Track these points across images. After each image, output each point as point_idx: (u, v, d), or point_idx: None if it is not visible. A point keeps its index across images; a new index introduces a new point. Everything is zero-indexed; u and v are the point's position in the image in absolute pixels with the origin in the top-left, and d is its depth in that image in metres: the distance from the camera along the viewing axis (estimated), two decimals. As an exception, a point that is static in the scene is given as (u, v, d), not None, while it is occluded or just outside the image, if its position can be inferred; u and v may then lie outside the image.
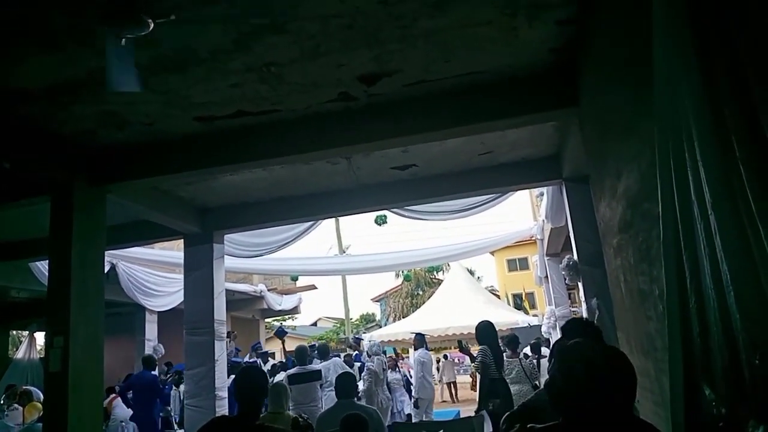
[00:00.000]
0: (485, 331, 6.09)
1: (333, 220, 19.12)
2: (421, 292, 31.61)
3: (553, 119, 4.66)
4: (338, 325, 33.53)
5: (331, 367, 7.57)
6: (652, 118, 2.03)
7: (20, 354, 12.71)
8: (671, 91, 1.80)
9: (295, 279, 15.63)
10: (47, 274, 4.60)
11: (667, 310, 1.96)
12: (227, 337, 7.90)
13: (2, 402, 8.80)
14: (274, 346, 14.76)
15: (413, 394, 9.37)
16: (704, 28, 1.54)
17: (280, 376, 7.15)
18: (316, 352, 8.75)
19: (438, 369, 18.34)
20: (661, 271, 2.06)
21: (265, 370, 8.13)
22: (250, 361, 9.23)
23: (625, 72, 2.67)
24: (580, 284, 5.98)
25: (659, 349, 2.43)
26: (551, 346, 5.97)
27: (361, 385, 7.83)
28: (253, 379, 2.89)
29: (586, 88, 3.68)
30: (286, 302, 15.39)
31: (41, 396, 7.73)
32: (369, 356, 8.69)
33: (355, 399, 4.59)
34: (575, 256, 5.94)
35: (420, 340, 9.82)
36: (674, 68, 1.77)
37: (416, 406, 9.01)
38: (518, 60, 3.86)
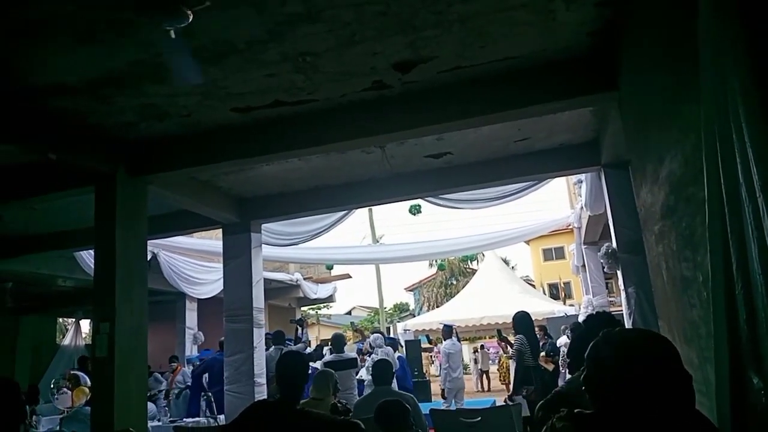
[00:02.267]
0: (522, 321, 6.39)
1: (366, 210, 19.23)
2: (455, 282, 31.53)
3: (591, 104, 4.56)
4: (372, 314, 33.73)
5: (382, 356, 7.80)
6: (697, 100, 1.97)
7: (67, 341, 13.23)
8: (718, 71, 1.75)
9: (330, 268, 15.80)
10: (92, 263, 4.76)
11: (712, 297, 1.91)
12: (298, 324, 8.01)
13: (52, 386, 9.17)
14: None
15: (440, 384, 9.53)
16: (753, 5, 1.49)
17: (314, 365, 7.25)
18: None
19: (475, 360, 18.35)
20: (705, 257, 2.01)
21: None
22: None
23: (666, 54, 2.59)
24: (618, 273, 5.87)
25: (703, 336, 2.38)
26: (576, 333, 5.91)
27: (364, 374, 7.97)
28: (295, 364, 2.93)
29: (625, 72, 3.59)
30: (321, 291, 15.57)
31: (88, 380, 8.03)
32: (372, 348, 8.85)
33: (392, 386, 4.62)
34: (614, 244, 5.83)
35: (447, 332, 9.97)
36: (721, 47, 1.71)
37: (443, 396, 9.10)
38: (555, 44, 3.78)
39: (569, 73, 4.00)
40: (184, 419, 7.02)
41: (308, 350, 8.69)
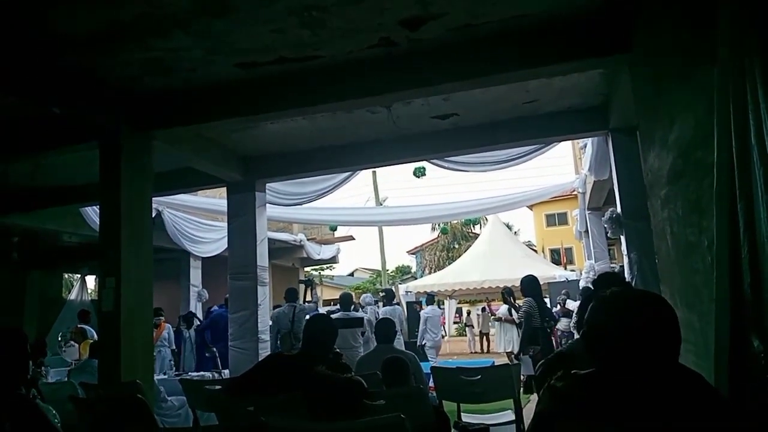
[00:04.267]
0: (530, 284, 6.63)
1: (370, 172, 19.19)
2: (457, 246, 31.64)
3: (602, 66, 4.48)
4: (374, 276, 34.04)
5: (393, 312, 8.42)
6: (710, 63, 1.94)
7: (73, 296, 13.42)
8: (736, 32, 1.71)
9: (333, 229, 15.86)
10: (97, 218, 4.78)
11: (717, 261, 1.91)
12: (306, 285, 8.08)
13: (60, 339, 9.37)
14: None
15: (418, 342, 10.93)
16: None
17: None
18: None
19: (478, 322, 18.64)
20: (711, 222, 2.00)
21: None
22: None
23: (683, 14, 2.53)
24: (622, 238, 5.88)
25: (705, 301, 2.39)
26: (583, 296, 6.04)
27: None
28: (324, 327, 3.07)
29: (639, 33, 3.51)
30: (324, 252, 15.67)
31: (94, 334, 8.18)
32: (362, 306, 9.37)
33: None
34: (618, 210, 5.82)
35: (430, 299, 11.92)
36: (741, 8, 1.67)
37: (422, 352, 10.19)
38: (568, 2, 3.69)
39: (581, 33, 3.91)
40: (190, 373, 7.17)
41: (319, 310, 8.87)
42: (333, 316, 7.09)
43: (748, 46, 1.60)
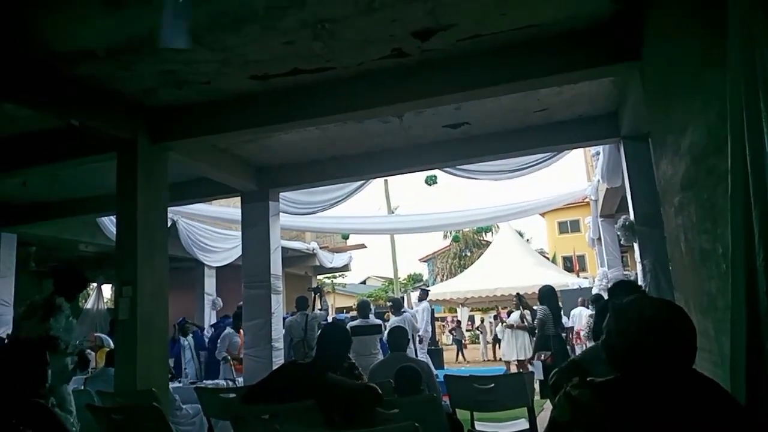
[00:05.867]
0: (547, 293, 7.12)
1: (382, 181, 19.22)
2: (469, 254, 31.55)
3: (613, 74, 4.48)
4: (386, 284, 33.99)
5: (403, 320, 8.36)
6: (722, 69, 1.94)
7: (89, 305, 13.54)
8: (747, 38, 1.72)
9: (345, 237, 15.89)
10: (114, 228, 4.84)
11: (732, 269, 1.91)
12: (315, 293, 8.14)
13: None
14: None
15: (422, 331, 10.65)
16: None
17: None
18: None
19: (491, 330, 18.58)
20: (726, 229, 2.00)
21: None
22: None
23: (693, 21, 2.53)
24: (635, 245, 5.85)
25: (720, 308, 2.38)
26: (600, 305, 6.04)
27: None
28: (338, 337, 3.08)
29: (649, 40, 3.51)
30: (336, 260, 15.71)
31: (111, 342, 8.25)
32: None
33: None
34: (631, 217, 5.80)
35: (424, 293, 12.05)
36: (752, 14, 1.68)
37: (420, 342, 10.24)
38: (577, 11, 3.71)
39: (591, 42, 3.92)
40: (204, 381, 7.21)
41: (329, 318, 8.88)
42: (352, 323, 7.12)
43: (761, 53, 1.61)
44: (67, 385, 4.48)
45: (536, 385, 5.92)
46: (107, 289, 14.05)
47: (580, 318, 11.13)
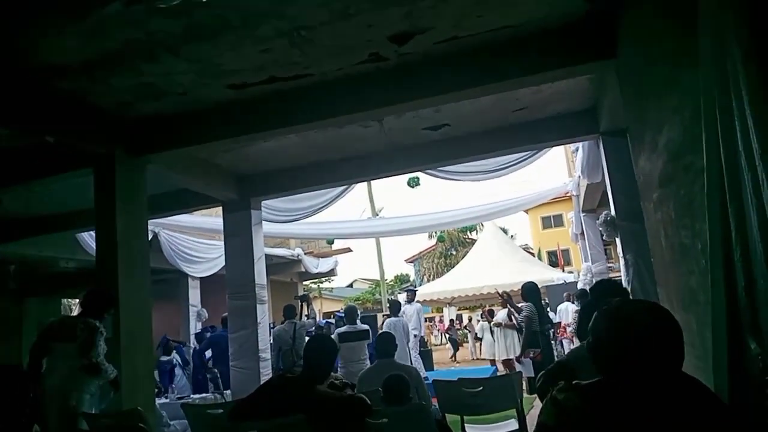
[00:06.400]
0: (531, 290, 7.04)
1: (365, 184, 19.19)
2: (454, 252, 31.70)
3: (589, 72, 4.52)
4: (373, 286, 33.98)
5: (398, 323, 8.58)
6: (697, 68, 1.96)
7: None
8: (718, 38, 1.74)
9: (330, 242, 15.85)
10: (94, 244, 4.76)
11: (711, 264, 1.93)
12: (302, 301, 8.08)
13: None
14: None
15: (417, 333, 10.69)
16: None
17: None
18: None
19: (480, 330, 18.62)
20: (704, 225, 2.02)
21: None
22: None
23: (665, 21, 2.56)
24: (617, 240, 5.90)
25: (701, 303, 2.41)
26: (585, 301, 6.10)
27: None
28: (323, 348, 3.06)
29: (624, 39, 3.55)
30: (322, 265, 15.63)
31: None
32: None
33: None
34: (613, 212, 5.84)
35: (412, 294, 12.06)
36: (722, 15, 1.70)
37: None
38: (552, 11, 3.74)
39: (567, 41, 3.96)
40: (191, 396, 7.12)
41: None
42: (339, 330, 7.06)
43: (732, 54, 1.62)
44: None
45: (524, 384, 5.96)
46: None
47: (566, 313, 11.23)
